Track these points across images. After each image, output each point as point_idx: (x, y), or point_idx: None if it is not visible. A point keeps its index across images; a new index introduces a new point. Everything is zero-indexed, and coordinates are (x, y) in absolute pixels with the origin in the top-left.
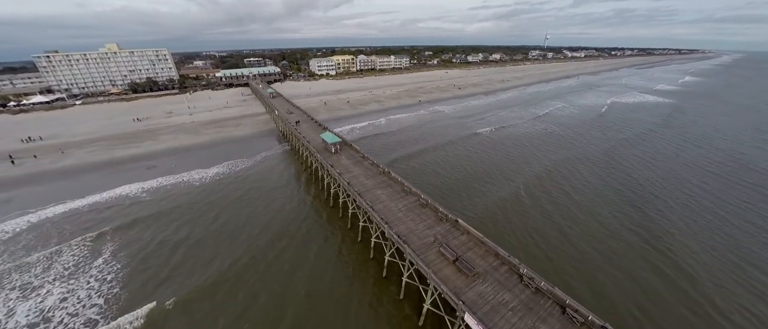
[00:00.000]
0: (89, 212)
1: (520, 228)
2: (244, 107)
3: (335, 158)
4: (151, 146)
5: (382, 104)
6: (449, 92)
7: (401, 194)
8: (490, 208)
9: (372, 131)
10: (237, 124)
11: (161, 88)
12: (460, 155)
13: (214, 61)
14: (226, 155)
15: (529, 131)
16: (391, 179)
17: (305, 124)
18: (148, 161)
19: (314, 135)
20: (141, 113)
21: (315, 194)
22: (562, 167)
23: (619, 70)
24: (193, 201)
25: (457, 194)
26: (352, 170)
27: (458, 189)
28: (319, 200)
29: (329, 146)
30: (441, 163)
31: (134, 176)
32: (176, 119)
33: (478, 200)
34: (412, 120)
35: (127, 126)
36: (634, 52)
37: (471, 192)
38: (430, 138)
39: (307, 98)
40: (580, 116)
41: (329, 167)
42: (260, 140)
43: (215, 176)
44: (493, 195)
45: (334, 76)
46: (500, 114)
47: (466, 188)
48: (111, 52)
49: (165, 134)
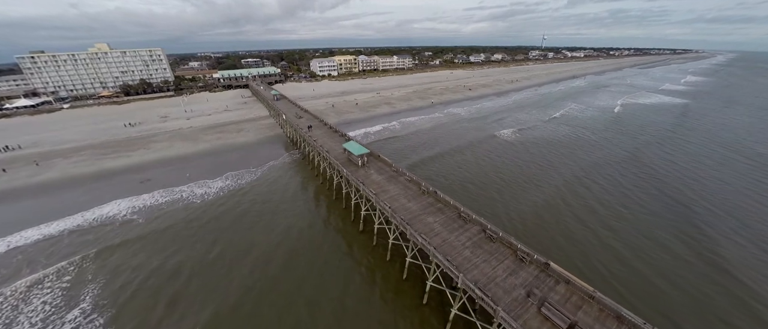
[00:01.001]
0: (69, 236)
1: (575, 251)
2: (245, 111)
3: (363, 172)
4: (145, 155)
5: (393, 106)
6: (460, 94)
7: (458, 222)
8: (529, 220)
9: (386, 135)
10: (239, 129)
11: (155, 90)
12: (484, 159)
13: (210, 62)
14: (228, 165)
15: (550, 133)
16: (440, 200)
17: (318, 130)
18: (140, 174)
19: (333, 143)
20: (134, 118)
21: (337, 214)
22: (592, 173)
23: (622, 70)
24: (192, 223)
25: (491, 203)
26: (386, 188)
27: (491, 197)
28: (342, 221)
29: (355, 158)
30: (465, 169)
31: (125, 190)
32: (172, 123)
33: (514, 210)
34: (427, 123)
35: (118, 132)
36: (631, 52)
37: (505, 201)
38: (449, 142)
39: (313, 101)
40: (597, 117)
41: (360, 186)
42: (266, 147)
43: (219, 192)
44: (528, 205)
45: (336, 77)
46: (518, 117)
47: (499, 195)
48: (101, 53)
49: (160, 141)
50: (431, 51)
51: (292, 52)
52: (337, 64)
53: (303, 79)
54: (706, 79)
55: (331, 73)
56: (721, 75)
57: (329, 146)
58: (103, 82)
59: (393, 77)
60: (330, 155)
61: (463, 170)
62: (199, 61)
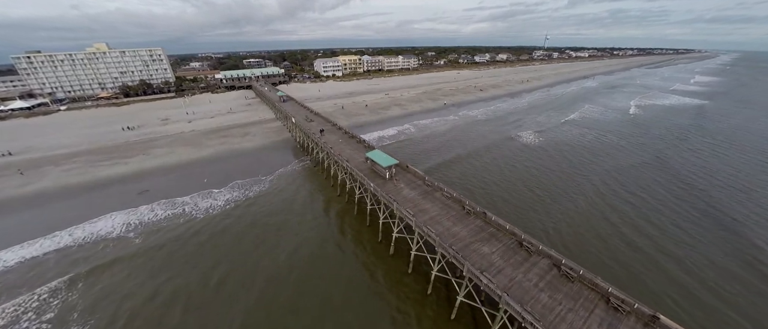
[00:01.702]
0: (55, 257)
1: (632, 280)
2: (250, 113)
3: (392, 186)
4: (143, 162)
5: (404, 108)
6: (472, 94)
7: (521, 254)
8: (569, 238)
9: (401, 138)
10: (244, 133)
11: (156, 91)
12: (507, 165)
13: (211, 62)
14: (235, 173)
15: (571, 136)
16: (490, 223)
17: (332, 135)
18: (138, 183)
19: (351, 151)
20: (133, 120)
21: (359, 234)
22: (628, 183)
23: (630, 71)
24: (192, 241)
25: (523, 216)
26: (423, 206)
27: (520, 209)
28: (367, 243)
29: (381, 170)
30: (489, 176)
31: (120, 203)
32: (173, 126)
33: (551, 227)
34: (442, 126)
35: (116, 136)
36: (634, 52)
37: (538, 215)
38: (468, 146)
39: (319, 102)
40: (615, 119)
41: (393, 205)
42: (274, 153)
43: (225, 205)
44: (564, 219)
45: (341, 78)
46: (535, 119)
47: (529, 207)
48: (99, 53)
49: (160, 147)
50: (434, 51)
51: (294, 52)
52: (342, 65)
53: (307, 79)
54: (716, 79)
55: (336, 74)
56: (729, 75)
57: (348, 154)
58: (102, 83)
59: (399, 78)
60: (350, 164)
61: (487, 177)
62: (200, 62)
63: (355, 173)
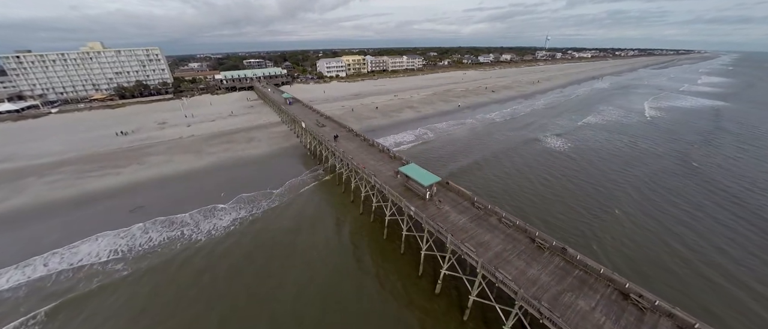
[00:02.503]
0: (26, 291)
1: None
2: (253, 116)
3: (434, 208)
4: (138, 172)
5: (417, 110)
6: (484, 96)
7: (634, 312)
8: (639, 264)
9: (420, 144)
10: (249, 138)
11: (153, 92)
12: (541, 175)
13: (210, 63)
14: (240, 184)
15: (595, 140)
16: (573, 262)
17: (349, 142)
18: (131, 198)
19: (375, 162)
20: (128, 124)
21: (393, 266)
22: (657, 186)
23: (637, 71)
24: (190, 272)
25: (574, 233)
26: (480, 237)
27: (567, 226)
28: (403, 277)
29: (420, 189)
30: (523, 187)
31: (109, 221)
32: (171, 131)
33: (612, 250)
34: (461, 130)
35: (109, 142)
36: (635, 52)
37: (594, 233)
38: (493, 153)
39: (326, 104)
40: (636, 121)
41: (447, 238)
42: (282, 161)
43: (229, 225)
44: (619, 239)
45: (345, 78)
46: (556, 122)
47: (577, 225)
48: (93, 52)
49: (156, 154)
50: (436, 51)
51: (295, 53)
52: (346, 65)
53: (311, 80)
54: (724, 79)
55: (339, 74)
56: (735, 76)
57: (373, 166)
58: (96, 84)
59: (405, 78)
60: (379, 181)
61: (516, 189)
62: (200, 62)
63: (387, 192)
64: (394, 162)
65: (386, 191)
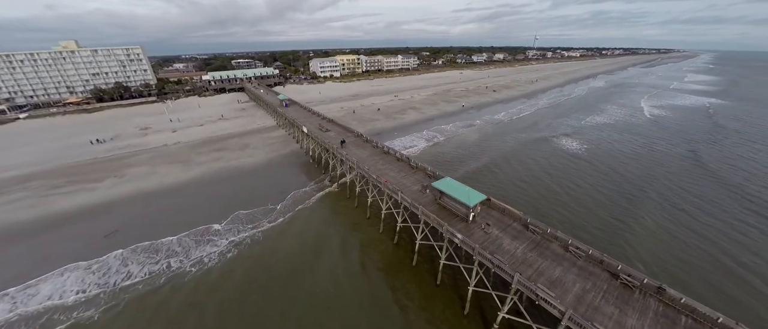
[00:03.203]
0: None
1: None
2: (246, 119)
3: (481, 233)
4: (115, 187)
5: (421, 111)
6: (487, 96)
7: None
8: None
9: (432, 148)
10: (243, 145)
11: (134, 95)
12: (561, 183)
13: (196, 63)
14: (235, 200)
15: (608, 141)
16: (675, 306)
17: (359, 149)
18: (106, 219)
19: (395, 173)
20: (106, 130)
21: (428, 300)
22: (679, 188)
23: (627, 70)
24: (174, 316)
25: (608, 241)
26: (552, 274)
27: (602, 234)
28: (444, 319)
29: (460, 209)
30: (545, 195)
31: (79, 250)
32: (154, 137)
33: (651, 259)
34: (469, 132)
35: (83, 151)
36: (620, 51)
37: (628, 243)
38: (510, 156)
39: (324, 105)
40: (642, 120)
41: (516, 278)
42: (282, 170)
43: (224, 252)
44: (657, 249)
45: (339, 79)
46: (566, 122)
47: (607, 231)
48: (67, 51)
49: (137, 165)
50: (428, 51)
51: (286, 52)
52: (340, 65)
53: (304, 80)
54: (710, 77)
55: (334, 74)
56: (719, 73)
57: (394, 179)
58: (71, 86)
59: (402, 78)
60: (406, 198)
61: (544, 195)
62: (185, 63)
63: (421, 214)
64: (417, 173)
65: (419, 212)
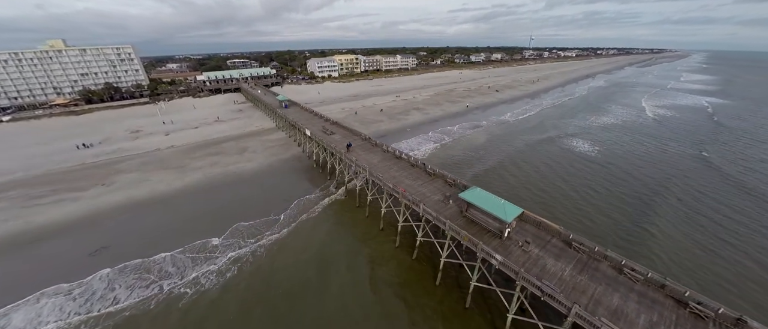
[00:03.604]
0: None
1: None
2: (243, 121)
3: (518, 251)
4: (102, 197)
5: (425, 112)
6: (490, 96)
7: None
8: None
9: (440, 150)
10: (241, 148)
11: (125, 96)
12: (581, 185)
13: (190, 63)
14: (235, 210)
15: (618, 142)
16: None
17: (369, 154)
18: (92, 233)
19: (413, 182)
20: (94, 134)
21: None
22: (696, 192)
23: (624, 69)
24: None
25: (634, 250)
26: (610, 302)
27: (629, 241)
28: None
29: (493, 224)
30: (564, 200)
31: (60, 271)
32: (146, 141)
33: (678, 261)
34: (476, 133)
35: (68, 156)
36: (615, 51)
37: (655, 250)
38: (524, 160)
39: (324, 106)
40: (648, 120)
41: (575, 310)
42: (284, 176)
43: (225, 269)
44: (670, 251)
45: (337, 79)
46: (573, 122)
47: (634, 237)
48: (54, 51)
49: (127, 171)
50: (425, 51)
51: (281, 53)
52: (338, 64)
53: (302, 80)
54: (704, 77)
55: (332, 74)
56: (713, 72)
57: (410, 187)
58: (58, 87)
59: (402, 78)
60: (428, 209)
61: (560, 201)
62: (179, 63)
63: (449, 229)
64: (435, 181)
65: (446, 227)
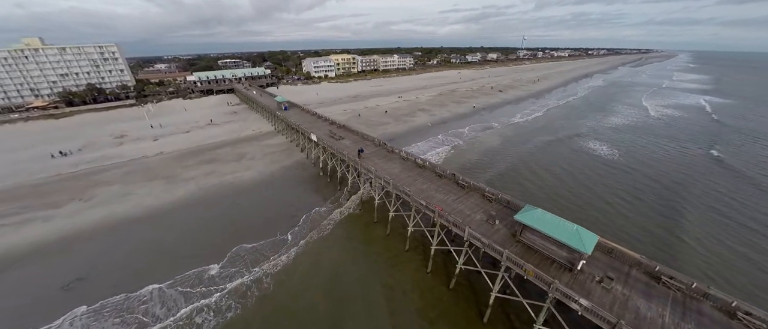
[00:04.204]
0: None
1: None
2: (238, 124)
3: (600, 290)
4: (79, 215)
5: (431, 113)
6: (494, 96)
7: None
8: None
9: (452, 154)
10: (238, 155)
11: (110, 98)
12: (610, 194)
13: (180, 63)
14: (235, 229)
15: (635, 145)
16: None
17: (389, 162)
18: (64, 262)
19: (445, 196)
20: (74, 139)
21: None
22: (732, 199)
23: (618, 69)
24: None
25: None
26: None
27: (682, 258)
28: None
29: (560, 254)
30: (595, 210)
31: (24, 311)
32: (132, 147)
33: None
34: (491, 136)
35: (42, 166)
36: (605, 51)
37: None
38: (543, 167)
39: (324, 107)
40: (657, 121)
41: None
42: (288, 187)
43: (223, 307)
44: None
45: (334, 79)
46: (584, 123)
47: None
48: (30, 50)
49: (109, 183)
50: (420, 51)
51: (274, 53)
52: (335, 64)
53: (298, 81)
54: (696, 76)
55: (328, 74)
56: (702, 72)
57: (442, 203)
58: (35, 88)
59: (400, 78)
60: (473, 232)
61: (595, 210)
62: (167, 63)
63: (507, 260)
64: (471, 196)
65: (503, 258)
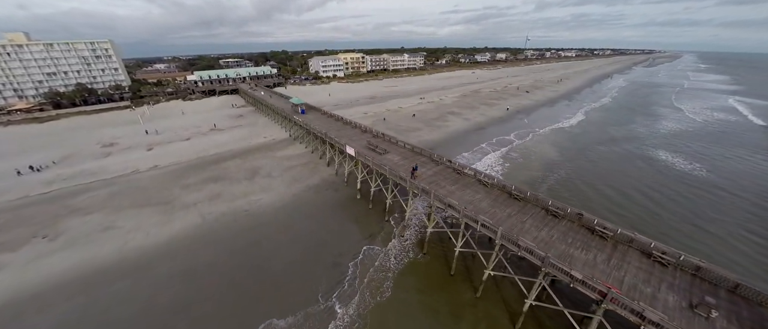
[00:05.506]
0: None
1: None
2: (247, 129)
3: None
4: (38, 261)
5: (464, 117)
6: (524, 98)
7: None
8: None
9: (515, 168)
10: (250, 170)
11: (102, 99)
12: (723, 224)
13: (179, 63)
14: (257, 289)
15: (718, 158)
16: None
17: (465, 187)
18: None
19: (561, 243)
20: (59, 146)
21: None
22: None
23: (632, 69)
24: None
25: None
26: None
27: None
28: None
29: None
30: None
31: None
32: (121, 158)
33: None
34: (543, 145)
35: (7, 186)
36: (610, 52)
37: None
38: (619, 183)
39: (339, 110)
40: (714, 127)
41: None
42: (321, 217)
43: None
44: None
45: (344, 79)
46: (637, 130)
47: None
48: (13, 46)
49: (86, 210)
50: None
51: (277, 53)
52: (344, 63)
53: (306, 81)
54: (714, 76)
55: (337, 74)
56: (718, 72)
57: (569, 255)
58: (19, 88)
59: (412, 78)
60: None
61: (713, 249)
62: (167, 63)
63: None
64: (626, 252)
65: None
